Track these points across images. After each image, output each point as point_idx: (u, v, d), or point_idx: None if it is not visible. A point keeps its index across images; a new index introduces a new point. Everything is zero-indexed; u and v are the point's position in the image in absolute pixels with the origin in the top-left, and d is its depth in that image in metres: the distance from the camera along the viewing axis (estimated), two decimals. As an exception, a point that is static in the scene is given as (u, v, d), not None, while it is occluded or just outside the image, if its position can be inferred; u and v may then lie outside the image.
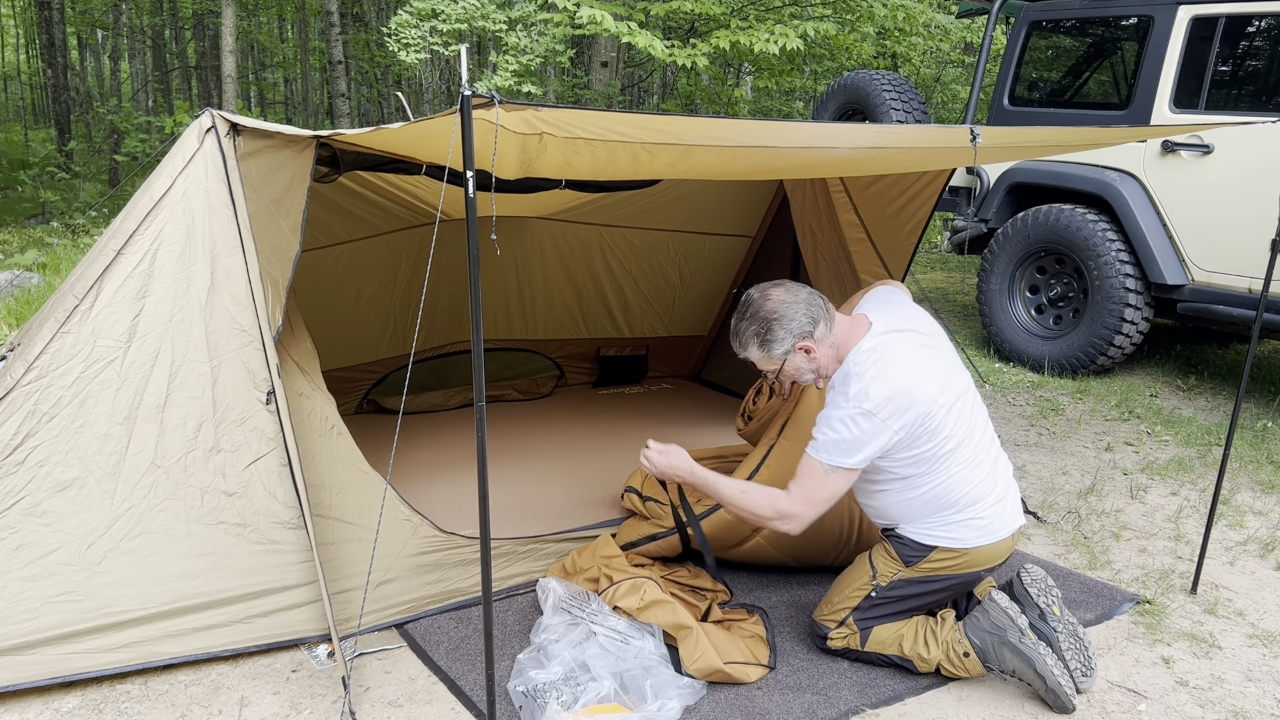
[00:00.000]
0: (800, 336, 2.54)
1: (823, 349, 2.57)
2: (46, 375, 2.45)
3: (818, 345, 2.56)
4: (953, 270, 9.88)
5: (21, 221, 11.04)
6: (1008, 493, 2.66)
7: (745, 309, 2.62)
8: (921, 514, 2.59)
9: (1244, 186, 5.11)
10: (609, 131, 2.20)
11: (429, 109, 18.44)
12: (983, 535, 2.58)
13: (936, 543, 2.58)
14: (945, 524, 2.57)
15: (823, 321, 2.56)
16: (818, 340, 2.56)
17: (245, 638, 2.60)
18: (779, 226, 4.89)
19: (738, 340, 2.64)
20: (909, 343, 2.57)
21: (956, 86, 14.83)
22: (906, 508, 2.60)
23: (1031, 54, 6.51)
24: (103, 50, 26.18)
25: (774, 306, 2.56)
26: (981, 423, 2.64)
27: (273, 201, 2.65)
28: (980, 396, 2.74)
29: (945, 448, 2.51)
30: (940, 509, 2.56)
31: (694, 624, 2.62)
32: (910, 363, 2.50)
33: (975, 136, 2.54)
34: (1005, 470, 2.70)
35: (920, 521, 2.60)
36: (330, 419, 2.77)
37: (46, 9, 15.00)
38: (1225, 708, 2.58)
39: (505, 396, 4.92)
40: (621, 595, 2.75)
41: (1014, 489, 2.71)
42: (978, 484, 2.56)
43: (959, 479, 2.54)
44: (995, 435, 2.72)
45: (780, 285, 2.63)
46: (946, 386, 2.52)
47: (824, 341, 2.57)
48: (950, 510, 2.56)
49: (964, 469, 2.54)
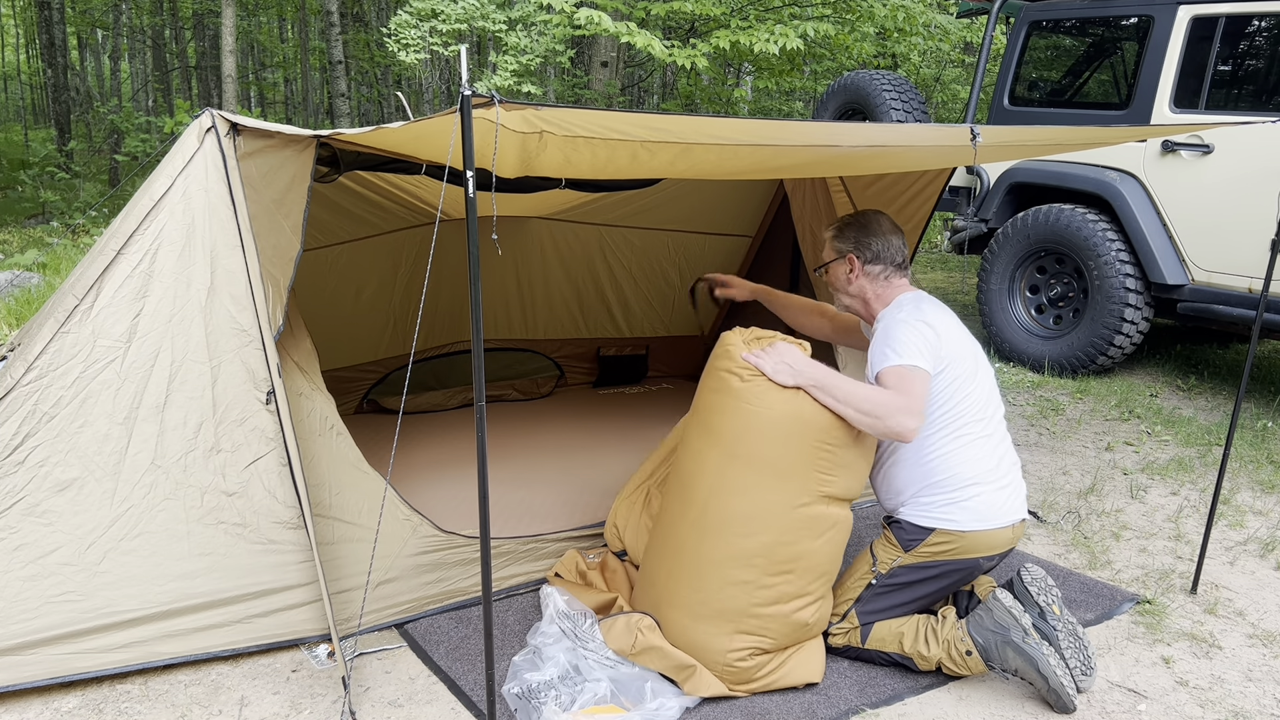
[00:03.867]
0: (860, 251, 2.81)
1: (863, 280, 2.83)
2: (46, 375, 2.45)
3: (862, 273, 2.82)
4: (953, 270, 9.88)
5: (21, 221, 11.04)
6: (1011, 483, 2.70)
7: (864, 211, 2.94)
8: (924, 485, 2.64)
9: (1244, 186, 5.11)
10: (609, 130, 2.20)
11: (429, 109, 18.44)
12: (981, 519, 2.61)
13: (935, 524, 2.62)
14: (944, 503, 2.61)
15: (883, 265, 2.82)
16: (865, 270, 2.82)
17: (245, 638, 2.60)
18: (779, 226, 4.89)
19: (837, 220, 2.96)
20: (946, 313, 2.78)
21: (956, 86, 14.82)
22: (913, 475, 2.66)
23: (1031, 54, 6.51)
24: (103, 50, 26.18)
25: (872, 223, 2.86)
26: (995, 411, 2.75)
27: (273, 201, 2.65)
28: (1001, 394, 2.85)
29: (959, 411, 2.63)
30: (942, 482, 2.62)
31: (693, 662, 2.50)
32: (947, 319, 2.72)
33: (975, 135, 2.55)
34: (1012, 463, 2.75)
35: (921, 498, 2.64)
36: (330, 419, 2.76)
37: (46, 9, 15.00)
38: (1225, 708, 2.58)
39: (505, 396, 4.92)
40: (616, 635, 2.60)
41: (1019, 483, 2.75)
42: (980, 462, 2.63)
43: (964, 454, 2.62)
44: (1007, 432, 2.79)
45: (895, 223, 2.89)
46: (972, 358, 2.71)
47: (872, 276, 2.82)
48: (950, 487, 2.61)
49: (970, 445, 2.63)
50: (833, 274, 2.90)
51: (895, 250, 2.83)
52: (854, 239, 2.84)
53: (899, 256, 2.83)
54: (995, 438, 2.71)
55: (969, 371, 2.68)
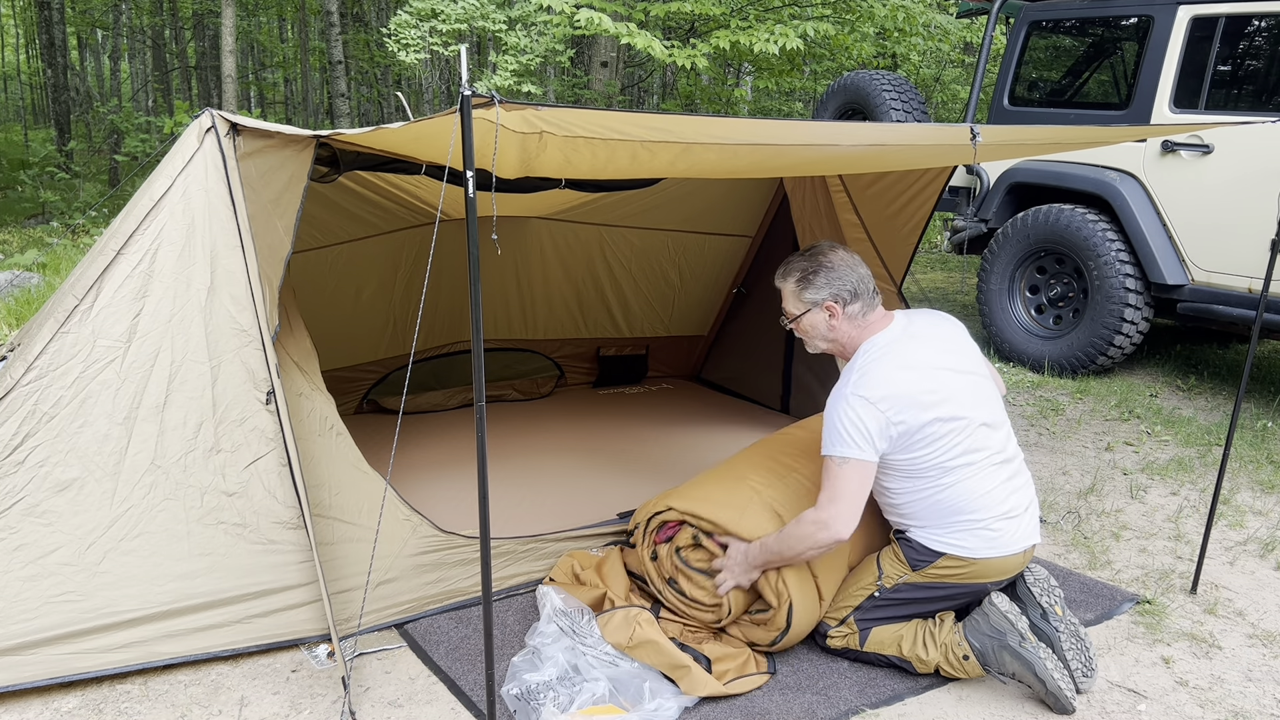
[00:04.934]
0: (835, 297, 2.62)
1: (846, 324, 2.65)
2: (46, 375, 2.45)
3: (844, 317, 2.64)
4: (953, 270, 9.88)
5: (21, 221, 11.04)
6: (1024, 511, 2.65)
7: (810, 249, 2.70)
8: (930, 517, 2.59)
9: (1244, 186, 5.11)
10: (609, 130, 2.20)
11: (429, 109, 18.44)
12: (992, 547, 2.57)
13: (944, 549, 2.58)
14: (954, 531, 2.57)
15: (862, 301, 2.63)
16: (847, 314, 2.63)
17: (245, 638, 2.60)
18: (779, 226, 4.88)
19: (784, 269, 2.71)
20: (924, 351, 2.59)
21: (956, 86, 14.83)
22: (916, 509, 2.61)
23: (1031, 54, 6.51)
24: (103, 50, 26.19)
25: (833, 260, 2.64)
26: (994, 434, 2.63)
27: (270, 201, 2.65)
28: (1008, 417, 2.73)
29: (947, 461, 2.53)
30: (948, 514, 2.57)
31: (689, 662, 2.52)
32: (915, 369, 2.54)
33: (975, 135, 2.55)
34: (1024, 487, 2.68)
35: (930, 526, 2.60)
36: (330, 419, 2.76)
37: (46, 9, 15.00)
38: (1225, 708, 2.58)
39: (505, 396, 4.92)
40: (613, 629, 2.64)
41: (1033, 506, 2.70)
42: (989, 494, 2.57)
43: (965, 489, 2.55)
44: (1019, 453, 2.72)
45: (851, 251, 2.70)
46: (947, 397, 2.54)
47: (852, 319, 2.64)
48: (959, 516, 2.56)
49: (976, 476, 2.56)
50: (807, 326, 2.70)
51: (867, 279, 2.65)
52: (826, 285, 2.62)
53: (871, 284, 2.65)
54: (1001, 456, 2.62)
55: (952, 411, 2.52)
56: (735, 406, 4.94)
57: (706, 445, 4.32)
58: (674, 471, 3.91)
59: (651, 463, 4.06)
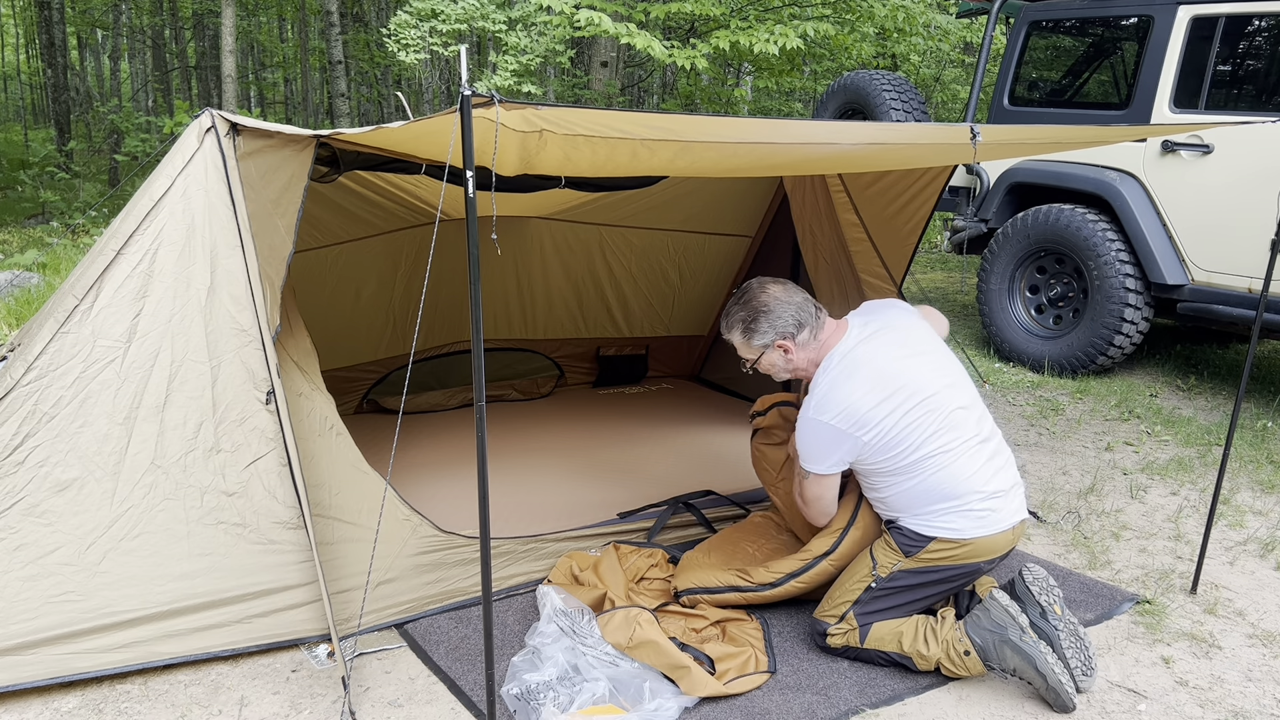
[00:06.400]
0: (782, 335, 2.70)
1: (802, 352, 2.73)
2: (46, 375, 2.45)
3: (797, 348, 2.72)
4: (953, 270, 9.88)
5: (21, 221, 11.03)
6: (1010, 489, 2.69)
7: (741, 295, 2.77)
8: (918, 506, 2.64)
9: (1244, 186, 5.11)
10: (608, 128, 2.20)
11: (429, 109, 18.44)
12: (982, 525, 2.61)
13: (936, 533, 2.62)
14: (942, 514, 2.61)
15: (809, 328, 2.70)
16: (799, 344, 2.71)
17: (245, 638, 2.60)
18: (779, 226, 4.89)
19: (726, 322, 2.80)
20: (881, 353, 2.67)
21: (956, 86, 14.82)
22: (905, 500, 2.65)
23: (1031, 54, 6.51)
24: (103, 50, 26.19)
25: (766, 300, 2.70)
26: (969, 414, 2.69)
27: (270, 201, 2.65)
28: (979, 393, 2.78)
29: (926, 448, 2.59)
30: (936, 500, 2.61)
31: (689, 663, 2.52)
32: (872, 378, 2.61)
33: (975, 134, 2.55)
34: (1006, 465, 2.73)
35: (919, 514, 2.64)
36: (330, 419, 2.76)
37: (46, 9, 15.00)
38: (1225, 708, 2.58)
39: (505, 396, 4.92)
40: (614, 629, 2.65)
41: (1017, 483, 2.74)
42: (970, 478, 2.61)
43: (949, 474, 2.60)
44: (996, 431, 2.77)
45: (780, 282, 2.76)
46: (913, 391, 2.61)
47: (805, 346, 2.72)
48: (946, 502, 2.61)
49: (952, 466, 2.60)
50: (767, 366, 2.78)
51: (805, 305, 2.71)
52: (770, 328, 2.69)
53: (810, 306, 2.72)
54: (978, 438, 2.66)
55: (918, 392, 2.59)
56: (735, 406, 4.94)
57: (706, 445, 4.32)
58: (674, 472, 3.91)
59: (651, 463, 4.06)
